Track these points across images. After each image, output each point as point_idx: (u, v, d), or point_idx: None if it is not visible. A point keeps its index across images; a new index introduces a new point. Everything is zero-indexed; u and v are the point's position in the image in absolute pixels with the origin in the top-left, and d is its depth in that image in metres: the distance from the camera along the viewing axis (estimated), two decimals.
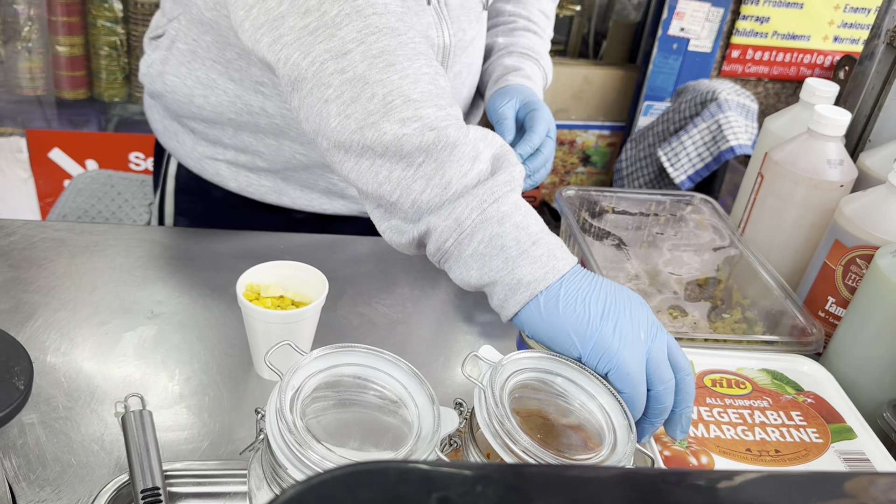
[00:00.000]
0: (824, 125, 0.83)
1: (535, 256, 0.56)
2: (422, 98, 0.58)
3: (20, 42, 2.12)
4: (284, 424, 0.46)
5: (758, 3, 2.34)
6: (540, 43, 1.02)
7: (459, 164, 0.57)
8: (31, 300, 0.82)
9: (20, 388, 0.42)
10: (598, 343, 0.55)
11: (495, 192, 0.57)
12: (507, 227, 0.56)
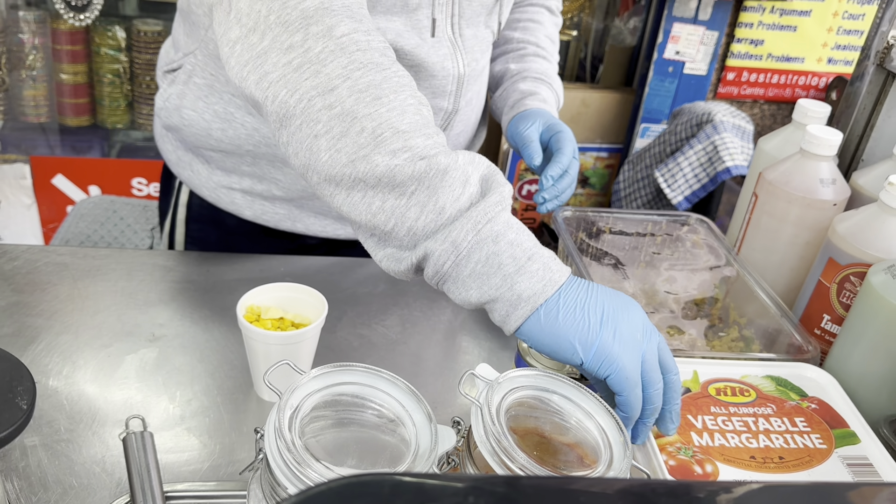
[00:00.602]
0: (816, 145, 0.84)
1: (532, 271, 0.58)
2: (410, 129, 0.60)
3: (25, 70, 2.15)
4: (283, 443, 0.47)
5: (752, 27, 2.37)
6: (550, 67, 1.04)
7: (451, 189, 0.59)
8: (33, 324, 0.83)
9: (23, 407, 0.42)
10: (599, 349, 0.57)
11: (488, 212, 0.59)
12: (502, 246, 0.58)
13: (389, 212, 0.60)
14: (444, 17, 0.86)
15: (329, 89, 0.60)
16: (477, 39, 0.91)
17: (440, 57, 0.87)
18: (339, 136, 0.60)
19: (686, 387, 0.69)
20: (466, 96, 0.94)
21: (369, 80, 0.61)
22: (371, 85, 0.61)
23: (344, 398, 0.54)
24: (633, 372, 0.58)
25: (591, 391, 0.56)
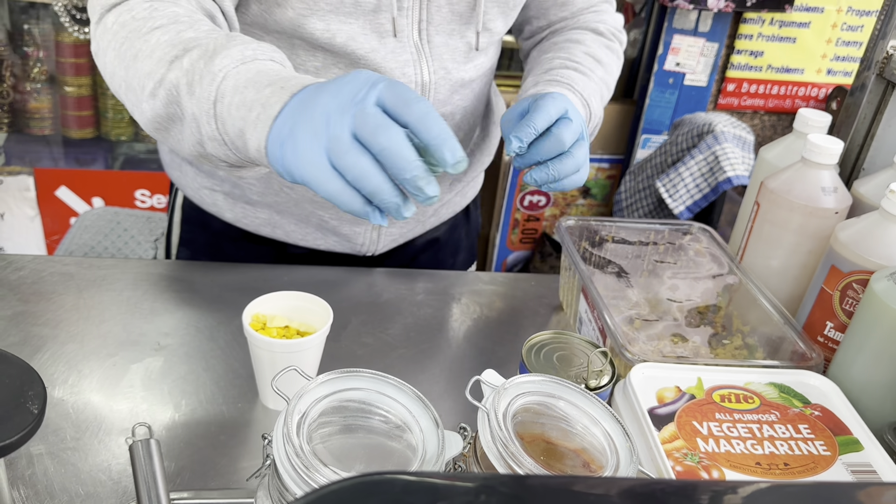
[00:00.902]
0: (817, 154, 0.85)
1: (252, 120, 0.59)
2: (156, 65, 0.66)
3: (29, 83, 2.16)
4: (292, 448, 0.47)
5: (752, 38, 2.38)
6: (582, 79, 0.89)
7: (190, 94, 0.63)
8: (39, 333, 0.84)
9: (34, 412, 0.43)
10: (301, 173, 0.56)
11: (210, 97, 0.62)
12: (233, 113, 0.61)
13: (182, 136, 0.66)
14: (409, 21, 0.85)
15: (112, 73, 0.71)
16: (448, 48, 0.89)
17: (399, 62, 0.87)
18: (131, 106, 0.70)
19: (691, 393, 0.70)
20: (444, 109, 0.93)
21: (128, 48, 0.68)
22: (129, 49, 0.68)
23: (351, 404, 0.54)
24: (313, 170, 0.54)
25: (597, 397, 0.56)
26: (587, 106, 0.87)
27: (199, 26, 0.68)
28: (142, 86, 0.66)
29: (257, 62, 0.63)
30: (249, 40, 0.65)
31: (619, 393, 0.72)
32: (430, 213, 1.08)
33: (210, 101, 0.61)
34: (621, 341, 0.76)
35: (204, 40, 0.65)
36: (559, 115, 0.72)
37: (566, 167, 0.72)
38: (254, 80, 0.60)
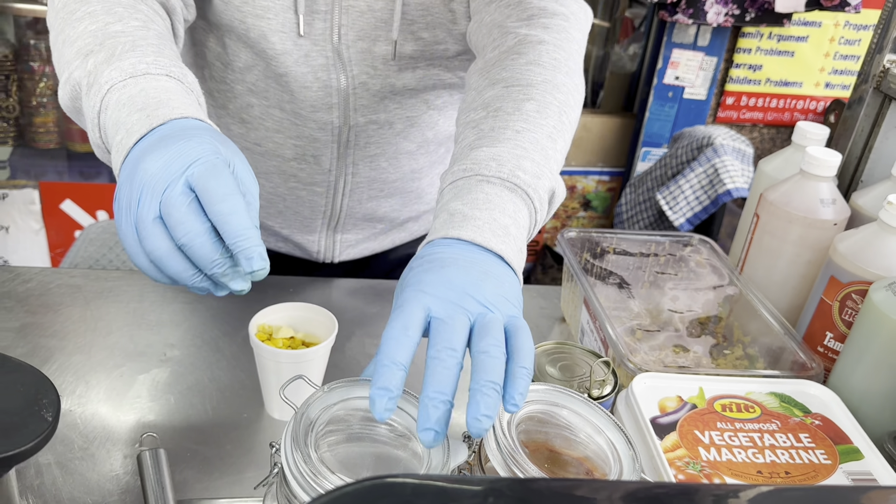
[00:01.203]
0: (816, 166, 0.86)
1: (116, 143, 0.57)
2: (73, 55, 0.64)
3: (35, 97, 2.18)
4: (300, 455, 0.48)
5: (750, 52, 2.41)
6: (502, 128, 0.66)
7: (87, 95, 0.62)
8: (47, 344, 0.84)
9: (48, 419, 0.44)
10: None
11: (94, 107, 0.60)
12: (109, 130, 0.59)
13: (90, 137, 0.64)
14: (327, 25, 0.84)
15: (51, 50, 0.70)
16: (370, 54, 0.86)
17: (312, 67, 0.86)
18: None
19: (692, 403, 0.71)
20: (364, 112, 0.91)
21: (60, 27, 0.68)
22: (59, 30, 0.68)
23: (358, 413, 0.55)
24: (126, 241, 0.52)
25: (600, 406, 0.57)
26: (530, 207, 0.62)
27: (129, 19, 0.66)
28: (60, 72, 0.66)
29: (147, 77, 0.60)
30: (153, 49, 0.63)
31: (621, 402, 0.72)
32: (395, 226, 1.07)
33: (95, 110, 0.60)
34: (623, 352, 0.76)
35: (120, 39, 0.64)
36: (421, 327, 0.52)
37: (490, 367, 0.49)
38: (132, 99, 0.58)
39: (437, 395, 0.47)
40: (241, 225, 0.51)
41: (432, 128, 0.98)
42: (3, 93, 2.16)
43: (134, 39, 0.64)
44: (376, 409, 0.47)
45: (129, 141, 0.55)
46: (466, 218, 0.57)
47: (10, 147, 2.24)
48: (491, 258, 0.56)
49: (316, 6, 0.83)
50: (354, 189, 0.99)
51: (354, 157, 0.95)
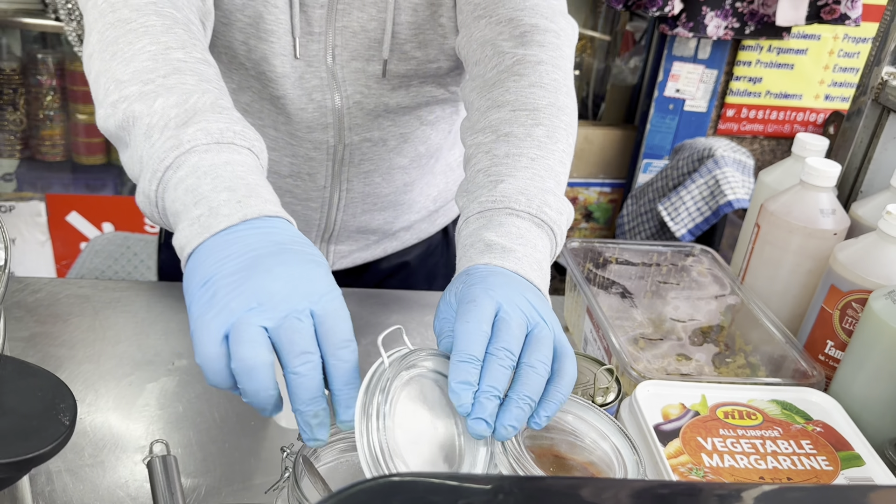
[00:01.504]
0: (815, 176, 0.87)
1: (193, 218, 0.52)
2: (131, 77, 0.59)
3: (42, 111, 2.20)
4: (374, 426, 0.47)
5: (750, 65, 2.43)
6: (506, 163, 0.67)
7: (147, 137, 0.57)
8: (56, 353, 0.85)
9: (65, 423, 0.45)
10: (189, 312, 0.49)
11: (164, 159, 0.55)
12: (179, 193, 0.54)
13: (125, 165, 0.61)
14: (322, 46, 0.85)
15: (90, 56, 0.63)
16: (364, 74, 0.88)
17: (306, 89, 0.87)
18: (94, 98, 0.62)
19: (695, 410, 0.71)
20: (359, 131, 0.92)
21: (113, 37, 0.62)
22: (113, 41, 0.61)
23: (428, 385, 0.54)
24: (204, 357, 0.47)
25: (605, 412, 0.58)
26: (552, 243, 0.65)
27: (191, 47, 0.62)
28: (107, 90, 0.60)
29: (233, 148, 0.56)
30: (234, 114, 0.59)
31: (624, 410, 0.73)
32: (387, 236, 1.07)
33: (163, 163, 0.55)
34: (626, 360, 0.77)
35: (189, 82, 0.59)
36: (491, 323, 0.53)
37: (532, 383, 0.52)
38: (216, 170, 0.54)
39: (491, 390, 0.49)
40: (352, 375, 0.50)
41: (424, 142, 0.99)
42: (11, 106, 2.18)
43: (202, 90, 0.59)
44: (461, 402, 0.49)
45: (216, 224, 0.51)
46: (506, 250, 0.60)
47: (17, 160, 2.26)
48: (527, 282, 0.59)
49: (310, 28, 0.84)
50: (349, 204, 1.00)
51: (349, 174, 0.96)
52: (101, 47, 0.62)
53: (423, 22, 0.86)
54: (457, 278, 0.59)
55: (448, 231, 1.17)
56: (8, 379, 0.47)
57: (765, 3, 2.25)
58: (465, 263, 0.61)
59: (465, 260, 0.61)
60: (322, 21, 0.84)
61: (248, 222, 0.52)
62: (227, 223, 0.51)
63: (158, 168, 0.55)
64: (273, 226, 0.52)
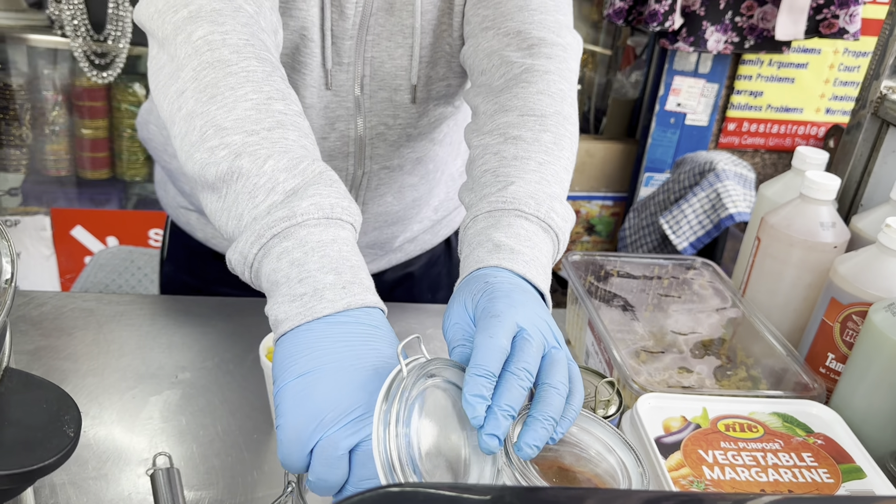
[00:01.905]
0: (815, 190, 0.87)
1: (296, 294, 0.53)
2: (234, 125, 0.57)
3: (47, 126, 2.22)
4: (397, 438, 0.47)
5: (751, 79, 2.44)
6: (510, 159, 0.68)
7: (251, 196, 0.56)
8: (61, 367, 0.86)
9: (70, 434, 0.45)
10: (276, 397, 0.50)
11: (273, 227, 0.54)
12: (283, 264, 0.54)
13: (214, 213, 0.59)
14: (350, 76, 0.86)
15: (181, 92, 0.61)
16: (391, 103, 0.89)
17: (330, 118, 0.87)
18: (183, 137, 0.60)
19: (696, 423, 0.72)
20: (379, 160, 0.93)
21: (211, 79, 0.60)
22: (211, 84, 0.59)
23: (439, 397, 0.54)
24: (290, 457, 0.48)
25: (609, 424, 0.58)
26: (555, 249, 0.66)
27: (290, 99, 0.62)
28: (204, 134, 0.58)
29: (340, 224, 0.56)
30: (341, 187, 0.58)
31: (626, 422, 0.73)
32: (392, 250, 1.08)
33: (272, 230, 0.54)
34: (628, 373, 0.78)
35: (291, 138, 0.58)
36: (506, 332, 0.53)
37: (555, 403, 0.53)
38: (324, 248, 0.54)
39: (509, 409, 0.50)
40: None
41: (433, 160, 1.00)
42: (17, 121, 2.20)
43: (299, 144, 0.59)
44: (476, 414, 0.50)
45: (319, 307, 0.52)
46: (514, 252, 0.60)
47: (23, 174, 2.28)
48: (537, 295, 0.60)
49: (340, 59, 0.85)
50: (362, 225, 1.01)
51: (365, 198, 0.97)
52: (198, 87, 0.60)
53: (436, 42, 0.87)
54: (470, 282, 0.59)
55: (451, 241, 1.17)
56: (13, 391, 0.48)
57: (764, 18, 2.27)
58: (472, 262, 0.61)
59: (473, 259, 0.61)
60: (351, 52, 0.85)
61: (349, 312, 0.52)
62: (330, 310, 0.52)
63: (264, 234, 0.54)
64: (374, 321, 0.54)
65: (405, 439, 0.48)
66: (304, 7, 0.81)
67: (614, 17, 2.31)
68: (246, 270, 0.56)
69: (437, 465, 0.51)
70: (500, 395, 0.50)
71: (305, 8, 0.81)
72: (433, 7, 0.85)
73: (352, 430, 0.48)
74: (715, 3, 2.23)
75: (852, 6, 2.15)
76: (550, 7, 0.81)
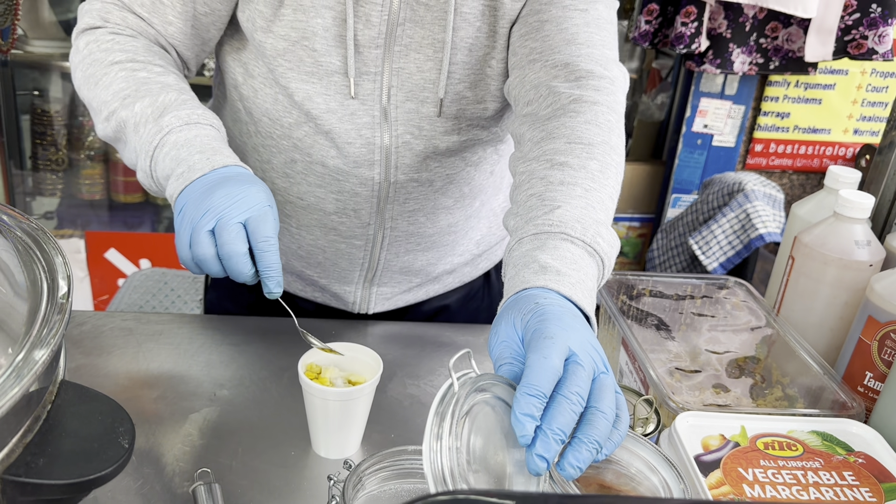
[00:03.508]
0: (850, 208, 0.87)
1: (178, 174, 0.78)
2: (112, 97, 0.83)
3: (83, 151, 2.27)
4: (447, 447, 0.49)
5: (777, 100, 2.43)
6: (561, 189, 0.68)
7: (136, 132, 0.81)
8: (101, 384, 0.87)
9: (125, 446, 0.46)
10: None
11: (152, 141, 0.79)
12: (166, 162, 0.79)
13: (126, 160, 0.85)
14: (377, 86, 0.87)
15: (78, 87, 0.89)
16: (418, 114, 0.90)
17: (356, 125, 0.89)
18: (93, 118, 0.88)
19: (735, 441, 0.71)
20: (406, 171, 0.93)
21: (91, 72, 0.86)
22: (90, 75, 0.85)
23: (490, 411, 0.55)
24: (178, 241, 0.75)
25: (649, 442, 0.58)
26: (600, 273, 0.67)
27: (151, 66, 0.85)
28: (98, 109, 0.84)
29: (198, 126, 0.80)
30: (195, 103, 0.83)
31: (664, 441, 0.73)
32: (430, 279, 1.08)
33: (152, 145, 0.79)
34: (665, 391, 0.77)
35: (154, 88, 0.82)
36: (553, 361, 0.53)
37: (602, 428, 0.53)
38: (189, 142, 0.78)
39: (560, 433, 0.51)
40: (271, 260, 0.73)
41: (468, 183, 1.00)
42: (53, 147, 2.26)
43: (168, 94, 0.82)
44: (524, 432, 0.51)
45: (193, 175, 0.76)
46: (560, 274, 0.61)
47: (58, 198, 2.33)
48: (583, 318, 0.61)
49: (365, 68, 0.87)
50: (392, 243, 1.01)
51: (393, 213, 0.98)
52: (84, 81, 0.87)
53: (476, 62, 0.89)
54: (518, 302, 0.60)
55: (490, 276, 1.17)
56: (69, 403, 0.49)
57: (789, 39, 2.27)
58: (518, 283, 0.62)
59: (519, 279, 0.62)
60: (378, 61, 0.87)
61: (217, 171, 0.76)
62: (200, 173, 0.75)
63: (149, 149, 0.79)
64: (232, 171, 0.77)
65: (455, 453, 0.49)
66: (304, 18, 0.84)
67: (640, 39, 2.32)
68: (152, 184, 0.81)
69: (482, 480, 0.51)
70: (552, 417, 0.51)
71: (305, 19, 0.84)
72: (469, 25, 0.87)
73: (209, 217, 0.72)
74: (741, 26, 2.24)
75: (881, 27, 2.14)
76: (597, 42, 0.82)
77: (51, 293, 0.50)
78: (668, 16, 2.29)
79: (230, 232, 0.71)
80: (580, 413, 0.53)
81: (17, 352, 0.45)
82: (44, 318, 0.48)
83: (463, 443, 0.49)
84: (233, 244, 0.71)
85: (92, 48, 0.86)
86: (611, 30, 0.86)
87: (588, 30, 0.83)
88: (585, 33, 0.82)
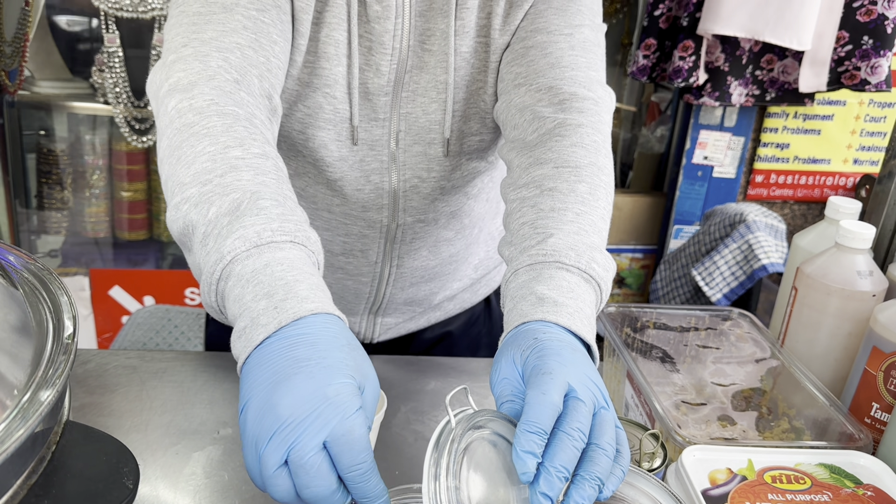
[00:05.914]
0: (851, 239, 0.88)
1: (240, 330, 0.56)
2: (192, 179, 0.62)
3: (88, 189, 2.29)
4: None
5: (777, 132, 2.45)
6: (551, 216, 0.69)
7: (203, 245, 0.60)
8: (105, 423, 0.87)
9: (129, 486, 0.46)
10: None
11: (214, 273, 0.58)
12: (230, 304, 0.58)
13: (192, 268, 0.64)
14: (386, 131, 0.88)
15: (160, 160, 0.68)
16: (425, 157, 0.91)
17: (365, 171, 0.89)
18: (168, 202, 0.66)
19: (742, 475, 0.71)
20: (413, 213, 0.94)
21: (177, 142, 0.65)
22: (176, 146, 0.65)
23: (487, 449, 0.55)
24: (253, 470, 0.50)
25: (655, 478, 0.58)
26: (598, 298, 0.67)
27: (250, 143, 0.65)
28: (172, 192, 0.64)
29: (272, 247, 0.58)
30: (276, 203, 0.61)
31: (671, 475, 0.73)
32: (432, 307, 1.09)
33: (214, 277, 0.59)
34: (671, 425, 0.77)
35: (243, 176, 0.61)
36: (554, 395, 0.53)
37: (603, 464, 0.53)
38: (256, 276, 0.57)
39: (564, 471, 0.51)
40: (371, 491, 0.51)
41: (468, 215, 1.01)
42: (59, 185, 2.28)
43: (255, 181, 0.62)
44: (526, 469, 0.50)
45: (256, 336, 0.54)
46: (558, 304, 0.61)
47: (63, 236, 2.34)
48: (584, 349, 0.60)
49: (375, 115, 0.88)
50: (398, 278, 1.02)
51: (400, 251, 0.99)
52: (168, 153, 0.66)
53: (472, 97, 0.90)
54: (517, 337, 0.60)
55: (490, 301, 1.18)
56: (74, 443, 0.49)
57: (785, 71, 2.29)
58: (517, 317, 0.62)
59: (517, 313, 0.62)
60: (387, 108, 0.88)
61: (284, 330, 0.54)
62: (264, 334, 0.54)
63: (212, 281, 0.59)
64: (307, 328, 0.54)
65: (455, 492, 0.48)
66: (328, 66, 0.84)
67: (638, 74, 2.35)
68: (224, 320, 0.60)
69: None
70: (554, 455, 0.51)
71: (329, 67, 0.84)
72: (466, 64, 0.88)
73: (275, 445, 0.49)
74: (738, 59, 2.27)
75: (874, 58, 2.17)
76: (582, 64, 0.84)
77: (56, 333, 0.50)
78: (665, 50, 2.32)
79: (308, 469, 0.49)
80: (582, 449, 0.53)
81: (23, 393, 0.45)
82: (49, 359, 0.48)
83: (462, 481, 0.49)
84: (315, 487, 0.49)
85: (184, 107, 0.68)
86: (597, 52, 0.87)
87: (573, 53, 0.83)
88: (570, 56, 0.83)
